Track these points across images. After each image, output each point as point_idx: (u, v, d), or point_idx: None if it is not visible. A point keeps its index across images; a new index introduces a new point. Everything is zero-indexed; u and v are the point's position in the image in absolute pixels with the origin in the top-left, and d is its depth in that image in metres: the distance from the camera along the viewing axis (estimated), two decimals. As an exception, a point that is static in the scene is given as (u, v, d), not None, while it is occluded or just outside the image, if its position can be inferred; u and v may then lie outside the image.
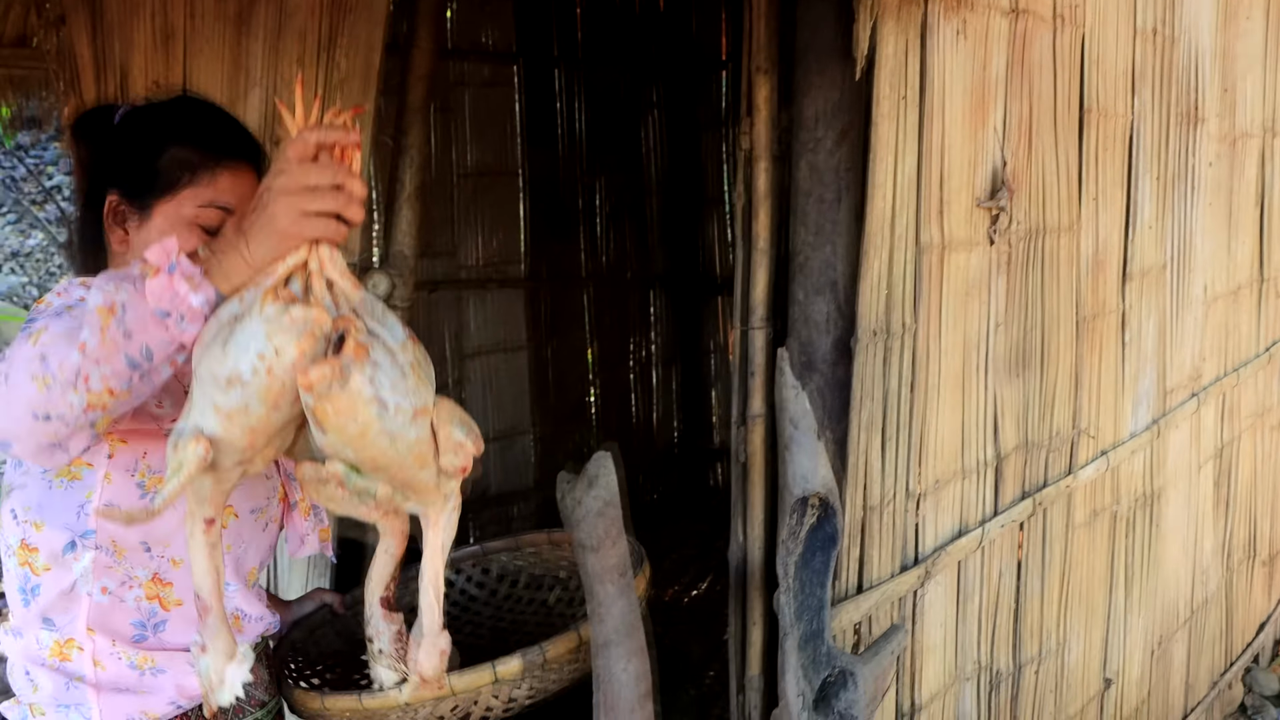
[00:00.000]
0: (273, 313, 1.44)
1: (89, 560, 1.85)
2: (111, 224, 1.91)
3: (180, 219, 1.87)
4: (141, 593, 1.88)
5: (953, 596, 2.87)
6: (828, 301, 2.48)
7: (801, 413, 1.97)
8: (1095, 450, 3.44)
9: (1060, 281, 3.13)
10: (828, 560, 2.03)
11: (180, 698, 1.92)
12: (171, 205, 1.87)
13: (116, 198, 1.90)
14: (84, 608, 1.86)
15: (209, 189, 1.89)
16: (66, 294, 1.72)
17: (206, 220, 1.88)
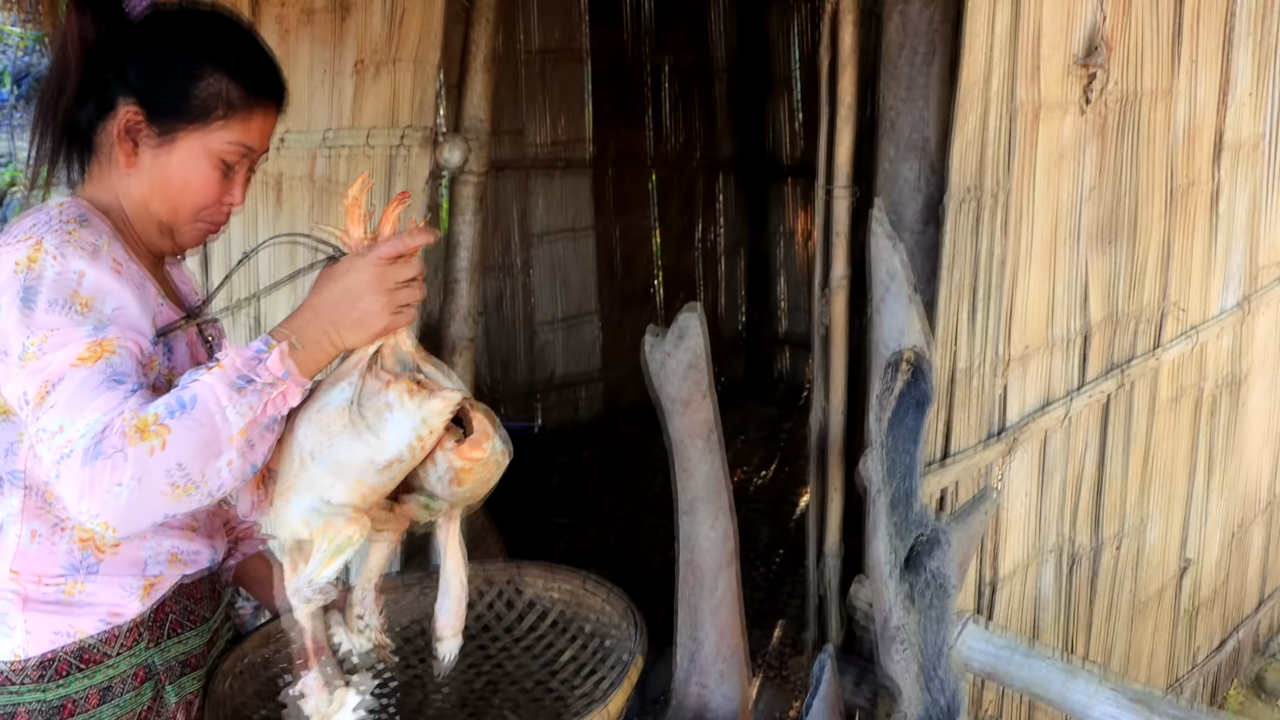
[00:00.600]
0: (420, 402, 1.67)
1: (17, 501, 1.75)
2: (122, 137, 1.79)
3: (204, 152, 1.80)
4: (74, 536, 1.76)
5: (1036, 470, 2.82)
6: (917, 162, 2.40)
7: (898, 266, 1.92)
8: (1182, 327, 3.36)
9: (1154, 149, 3.02)
10: (920, 421, 1.99)
11: (110, 616, 1.80)
12: (200, 136, 1.79)
13: (137, 113, 1.78)
14: (11, 550, 1.76)
15: (241, 128, 1.82)
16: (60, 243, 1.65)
17: (230, 157, 1.82)
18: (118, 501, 1.54)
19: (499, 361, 6.52)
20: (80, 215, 1.74)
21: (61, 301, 1.62)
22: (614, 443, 6.58)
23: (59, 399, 1.57)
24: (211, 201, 1.84)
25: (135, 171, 1.81)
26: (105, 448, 1.53)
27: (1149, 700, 2.19)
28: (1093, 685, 2.24)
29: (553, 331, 6.73)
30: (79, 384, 1.58)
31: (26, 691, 1.77)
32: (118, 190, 1.82)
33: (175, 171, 1.80)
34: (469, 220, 3.17)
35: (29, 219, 1.72)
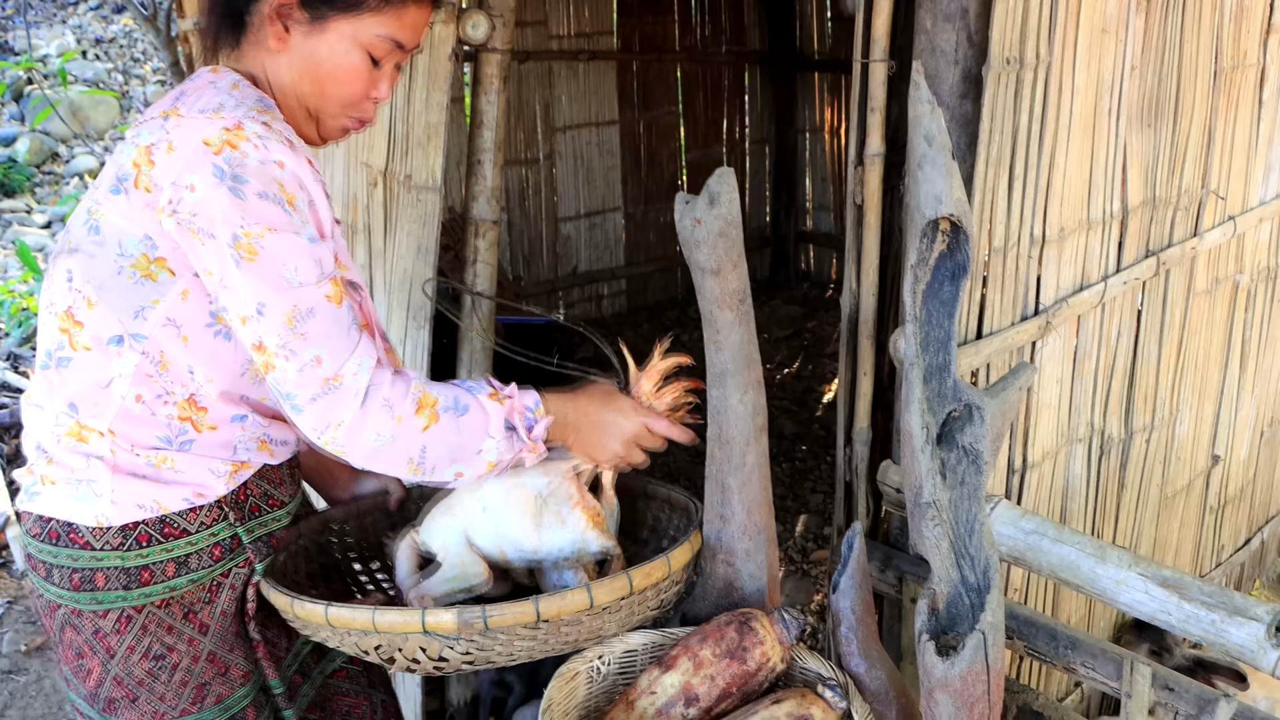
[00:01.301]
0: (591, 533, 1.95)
1: (132, 364, 1.78)
2: (273, 17, 1.80)
3: (355, 41, 1.81)
4: (175, 411, 1.82)
5: (1069, 354, 2.77)
6: (957, 30, 2.32)
7: (936, 130, 1.84)
8: (1222, 214, 3.28)
9: (1200, 27, 2.93)
10: (956, 290, 1.93)
11: (194, 496, 1.85)
12: (351, 24, 1.80)
13: None
14: (114, 409, 1.79)
15: (395, 20, 1.82)
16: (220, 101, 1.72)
17: (378, 51, 1.83)
18: (367, 445, 1.76)
19: (521, 255, 6.48)
20: (260, 98, 1.78)
21: (271, 194, 1.68)
22: (638, 338, 6.54)
23: (313, 329, 1.72)
24: (359, 93, 1.86)
25: (286, 53, 1.82)
26: (382, 398, 1.75)
27: (1180, 584, 2.16)
28: (1123, 568, 2.21)
29: (576, 226, 6.67)
30: (332, 322, 1.74)
31: (107, 556, 1.82)
32: (268, 70, 1.84)
33: (325, 58, 1.81)
34: (492, 99, 3.09)
35: (209, 93, 1.75)
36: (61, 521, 1.81)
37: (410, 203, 3.23)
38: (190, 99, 1.75)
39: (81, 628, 1.84)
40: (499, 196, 3.17)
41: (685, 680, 1.87)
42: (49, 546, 1.82)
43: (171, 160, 1.68)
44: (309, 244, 1.72)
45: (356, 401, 1.73)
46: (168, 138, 1.69)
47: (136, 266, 1.75)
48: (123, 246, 1.74)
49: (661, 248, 7.03)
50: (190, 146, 1.67)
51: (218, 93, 1.75)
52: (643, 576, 1.86)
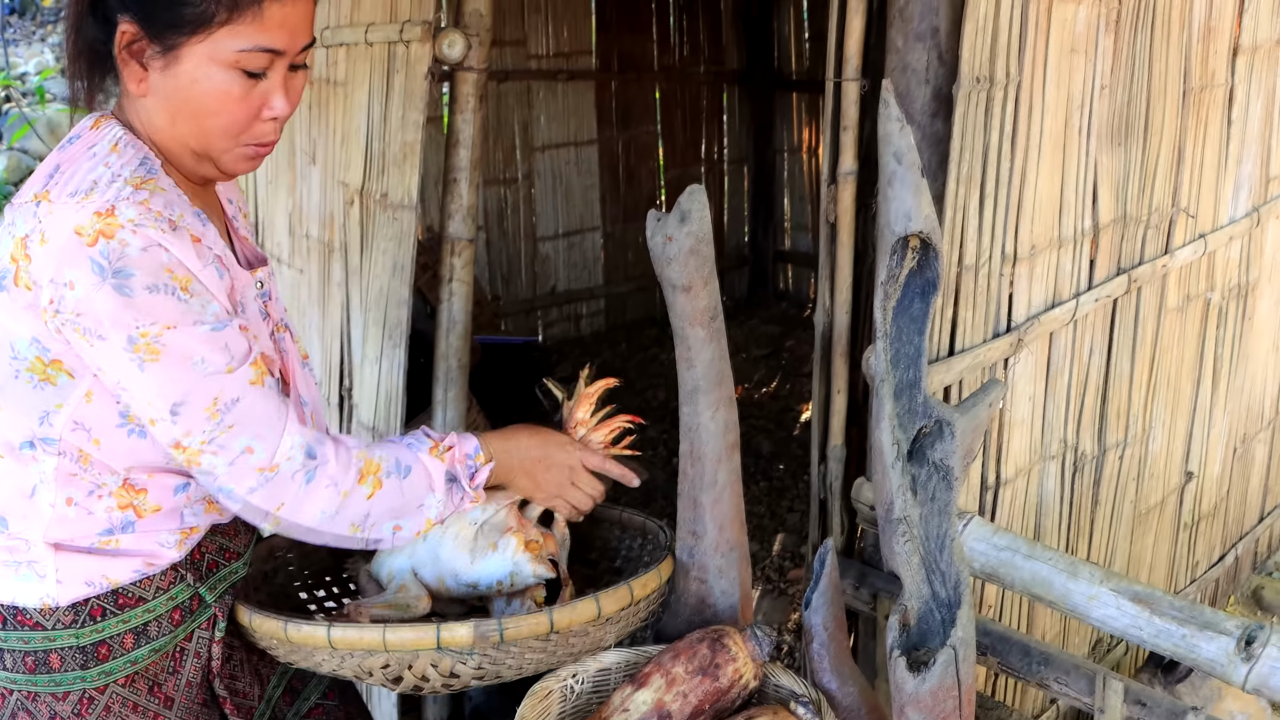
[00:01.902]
0: (524, 558, 1.96)
1: (51, 467, 1.66)
2: (126, 58, 1.61)
3: (216, 62, 1.59)
4: (113, 502, 1.71)
5: (1042, 370, 2.78)
6: (928, 49, 2.34)
7: (906, 148, 1.86)
8: (1193, 232, 3.31)
9: (1169, 47, 2.96)
10: (926, 307, 1.94)
11: (145, 566, 1.76)
12: (205, 45, 1.58)
13: (132, 28, 1.59)
14: (45, 518, 1.69)
15: (254, 27, 1.60)
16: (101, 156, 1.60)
17: (252, 65, 1.61)
18: (311, 521, 1.73)
19: (500, 274, 6.49)
20: (143, 159, 1.63)
21: (162, 284, 1.54)
22: (616, 356, 6.56)
23: (240, 418, 1.63)
24: (243, 119, 1.65)
25: (150, 95, 1.63)
26: (327, 477, 1.72)
27: (1151, 599, 2.17)
28: (1094, 584, 2.22)
29: (554, 245, 6.69)
30: (260, 406, 1.66)
31: (60, 635, 1.71)
32: (140, 117, 1.67)
33: (189, 89, 1.61)
34: (468, 118, 3.10)
35: (84, 164, 1.60)
36: (3, 604, 1.71)
37: (386, 221, 3.23)
38: (64, 175, 1.59)
39: (37, 713, 1.73)
40: (475, 215, 3.17)
41: (658, 698, 1.87)
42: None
43: (46, 254, 1.53)
44: (212, 332, 1.60)
45: (298, 484, 1.70)
46: (40, 227, 1.54)
47: (33, 370, 1.61)
48: (15, 349, 1.61)
49: (640, 267, 7.05)
50: (63, 238, 1.52)
51: (94, 163, 1.60)
52: (640, 587, 1.89)
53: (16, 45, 11.04)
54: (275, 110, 1.67)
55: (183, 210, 1.63)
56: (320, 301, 3.73)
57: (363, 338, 3.43)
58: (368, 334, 3.40)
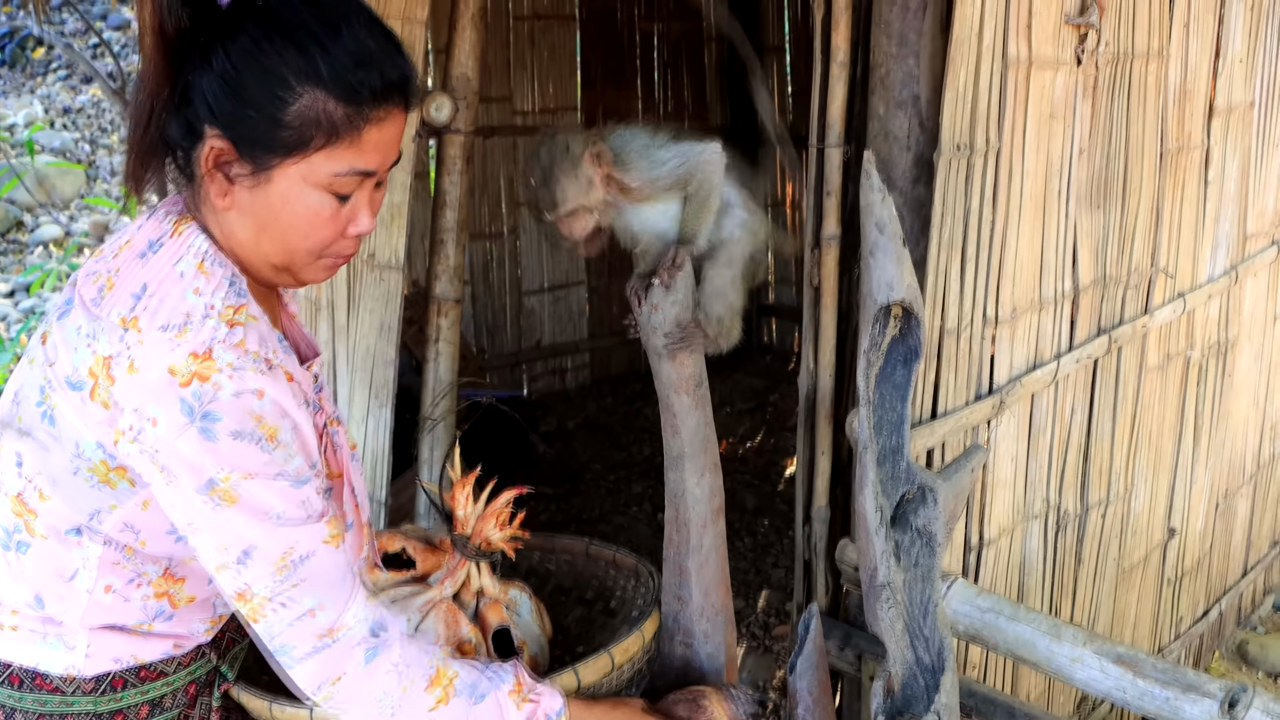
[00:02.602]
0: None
1: (95, 555, 1.62)
2: (210, 169, 1.53)
3: (310, 184, 1.53)
4: (150, 591, 1.67)
5: (1024, 431, 2.81)
6: (909, 116, 2.38)
7: (888, 218, 1.89)
8: (1172, 292, 3.35)
9: (1145, 111, 3.00)
10: (909, 374, 1.97)
11: (173, 649, 1.74)
12: (300, 167, 1.52)
13: (222, 144, 1.51)
14: (82, 604, 1.65)
15: (352, 151, 1.53)
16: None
17: (343, 187, 1.55)
18: (367, 707, 1.63)
19: (485, 328, 6.50)
20: (231, 279, 1.57)
21: (248, 431, 1.49)
22: (601, 411, 6.56)
23: (308, 576, 1.56)
24: (330, 238, 1.59)
25: (234, 210, 1.57)
26: (392, 661, 1.62)
27: (1134, 661, 2.19)
28: (1078, 646, 2.23)
29: (540, 299, 6.71)
30: (331, 567, 1.59)
31: (78, 701, 1.70)
32: (222, 227, 1.60)
33: (279, 210, 1.55)
34: (455, 179, 3.13)
35: (172, 289, 1.53)
36: (25, 668, 1.69)
37: (374, 281, 3.25)
38: (153, 301, 1.52)
39: None
40: (461, 275, 3.20)
41: None
42: (11, 691, 1.69)
43: (133, 384, 1.48)
44: (292, 487, 1.54)
45: (356, 659, 1.60)
46: (129, 355, 1.48)
47: (94, 471, 1.57)
48: (80, 448, 1.56)
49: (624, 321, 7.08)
50: (155, 374, 1.47)
51: (183, 288, 1.53)
52: (620, 652, 1.90)
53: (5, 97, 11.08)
54: (360, 228, 1.61)
55: (274, 343, 1.59)
56: (307, 360, 3.74)
57: (349, 397, 3.43)
58: (354, 394, 3.40)
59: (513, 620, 2.06)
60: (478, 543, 2.00)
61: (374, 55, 1.53)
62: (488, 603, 2.05)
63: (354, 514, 1.86)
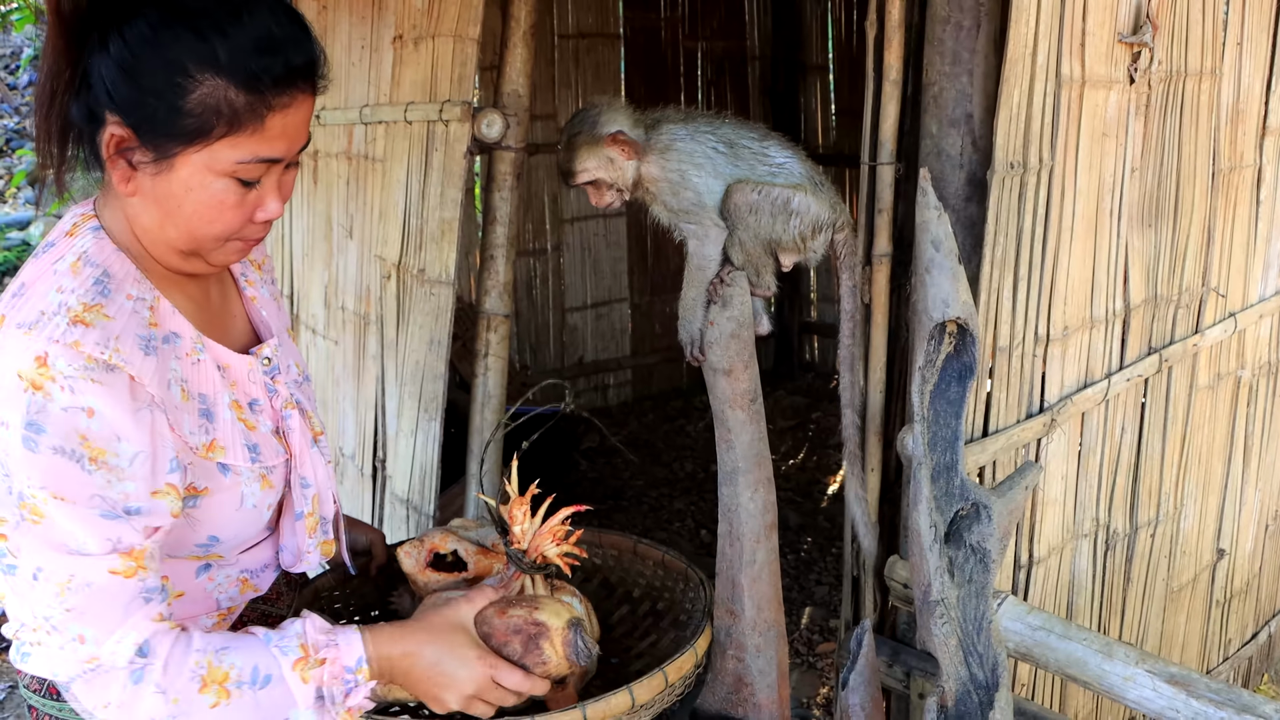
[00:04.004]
0: None
1: None
2: (114, 158, 1.51)
3: (213, 172, 1.51)
4: None
5: (1074, 450, 2.80)
6: (961, 134, 2.39)
7: (944, 235, 1.90)
8: (1223, 311, 3.33)
9: (1198, 130, 3.00)
10: (963, 391, 1.97)
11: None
12: (202, 155, 1.50)
13: (123, 132, 1.49)
14: None
15: (255, 139, 1.51)
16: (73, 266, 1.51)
17: (247, 175, 1.53)
18: None
19: (529, 345, 6.54)
20: (98, 279, 1.53)
21: (69, 449, 1.44)
22: (643, 427, 6.58)
23: (82, 604, 1.49)
24: (236, 224, 1.58)
25: (137, 196, 1.55)
26: (150, 676, 1.52)
27: (1187, 681, 2.18)
28: (1130, 665, 2.22)
29: (583, 316, 6.74)
30: (109, 598, 1.50)
31: None
32: (127, 213, 1.59)
33: (182, 197, 1.53)
34: (505, 195, 3.16)
35: (42, 288, 1.52)
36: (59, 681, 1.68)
37: (423, 296, 3.28)
38: (23, 298, 1.51)
39: None
40: (511, 291, 3.22)
41: None
42: (52, 702, 1.72)
43: None
44: (101, 519, 1.48)
45: (121, 683, 1.52)
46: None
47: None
48: None
49: (667, 338, 7.09)
50: (8, 376, 1.44)
51: (49, 286, 1.51)
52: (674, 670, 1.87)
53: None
54: (269, 213, 1.60)
55: (125, 342, 1.52)
56: (355, 373, 3.77)
57: (398, 410, 3.47)
58: (403, 407, 3.44)
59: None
60: (534, 558, 2.01)
61: (277, 40, 1.50)
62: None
63: (302, 504, 1.83)
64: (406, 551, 2.09)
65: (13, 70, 11.66)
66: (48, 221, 9.55)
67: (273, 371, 1.79)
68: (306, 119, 1.57)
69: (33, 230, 9.54)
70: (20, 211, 9.89)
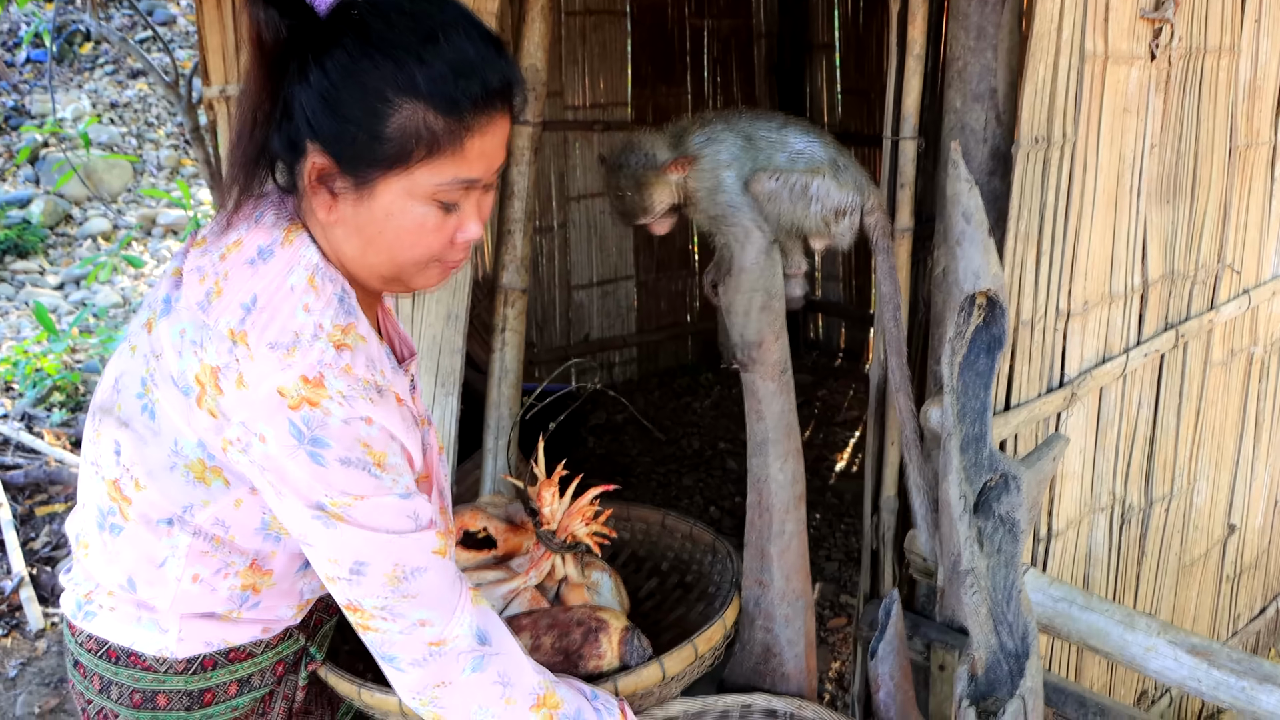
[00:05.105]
0: None
1: (185, 544, 1.66)
2: (314, 184, 1.53)
3: (413, 198, 1.52)
4: (238, 581, 1.71)
5: (1092, 424, 2.82)
6: (985, 109, 2.40)
7: (975, 207, 1.91)
8: (1237, 288, 3.34)
9: (1216, 107, 3.01)
10: (992, 362, 1.99)
11: (262, 632, 1.79)
12: (402, 181, 1.50)
13: (324, 160, 1.51)
14: (171, 591, 1.70)
15: (455, 162, 1.51)
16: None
17: (447, 198, 1.53)
18: (466, 715, 1.65)
19: (535, 322, 6.55)
20: (341, 295, 1.56)
21: (355, 459, 1.51)
22: (649, 404, 6.60)
23: (420, 589, 1.59)
24: (438, 248, 1.57)
25: (339, 224, 1.56)
26: (494, 665, 1.64)
27: (1208, 651, 2.20)
28: (1151, 635, 2.25)
29: (589, 293, 6.75)
30: (439, 579, 1.61)
31: (170, 679, 1.76)
32: (329, 239, 1.59)
33: (383, 224, 1.54)
34: (523, 170, 3.16)
35: (285, 308, 1.52)
36: (121, 647, 1.75)
37: (440, 271, 3.28)
38: (263, 315, 1.52)
39: None
40: (528, 265, 3.23)
41: None
42: (108, 664, 1.76)
43: (243, 400, 1.50)
44: (401, 500, 1.57)
45: (462, 667, 1.63)
46: (238, 369, 1.50)
47: (190, 468, 1.61)
48: (178, 445, 1.60)
49: (672, 315, 7.10)
50: (264, 392, 1.48)
51: (293, 305, 1.53)
52: (704, 642, 1.91)
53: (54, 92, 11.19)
54: (469, 235, 1.58)
55: (384, 362, 1.59)
56: (371, 349, 3.77)
57: (414, 385, 3.47)
58: (420, 383, 3.44)
59: (594, 601, 2.09)
60: (563, 538, 2.03)
61: (473, 63, 1.49)
62: (569, 587, 2.08)
63: (440, 516, 1.89)
64: None
65: (11, 48, 11.63)
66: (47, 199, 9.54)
67: (411, 389, 1.80)
68: (504, 140, 1.57)
69: (33, 208, 9.52)
70: (20, 189, 9.87)
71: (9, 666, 4.32)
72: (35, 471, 5.53)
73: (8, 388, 6.75)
